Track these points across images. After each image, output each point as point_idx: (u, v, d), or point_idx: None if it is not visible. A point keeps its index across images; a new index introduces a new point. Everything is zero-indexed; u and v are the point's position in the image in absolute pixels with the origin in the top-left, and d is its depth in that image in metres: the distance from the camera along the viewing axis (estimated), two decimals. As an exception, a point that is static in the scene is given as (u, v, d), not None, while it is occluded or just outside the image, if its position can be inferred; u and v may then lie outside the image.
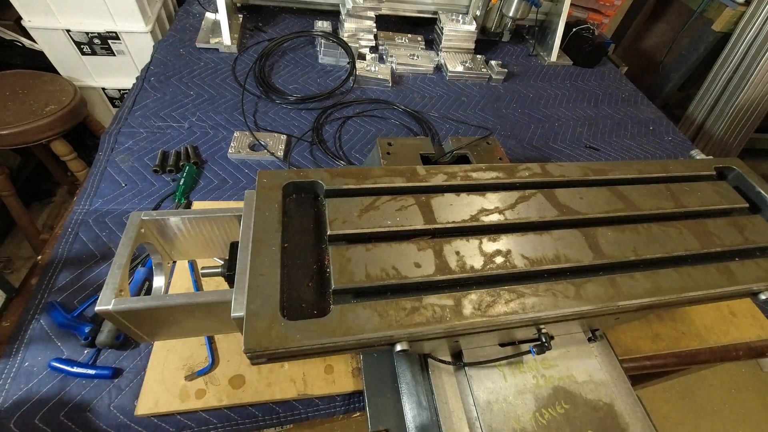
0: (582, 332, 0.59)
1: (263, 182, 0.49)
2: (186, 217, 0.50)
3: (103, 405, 0.55)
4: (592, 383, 0.55)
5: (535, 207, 0.52)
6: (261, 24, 1.42)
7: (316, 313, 0.40)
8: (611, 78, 1.53)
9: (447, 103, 1.24)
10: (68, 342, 0.60)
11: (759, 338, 0.78)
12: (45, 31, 1.45)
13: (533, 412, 0.51)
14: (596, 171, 0.59)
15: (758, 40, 2.07)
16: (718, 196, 0.59)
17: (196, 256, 0.58)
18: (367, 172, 0.52)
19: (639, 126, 1.32)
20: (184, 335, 0.54)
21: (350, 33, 1.31)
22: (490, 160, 0.73)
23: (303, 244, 0.46)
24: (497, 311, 0.41)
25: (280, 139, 0.98)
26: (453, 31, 1.36)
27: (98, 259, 0.70)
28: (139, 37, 1.50)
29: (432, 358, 0.54)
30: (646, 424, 0.52)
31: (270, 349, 0.35)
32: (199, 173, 0.88)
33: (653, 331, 0.74)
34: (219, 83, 1.13)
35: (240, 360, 0.60)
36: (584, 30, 1.52)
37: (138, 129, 0.95)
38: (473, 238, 0.47)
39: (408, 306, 0.40)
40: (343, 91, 1.19)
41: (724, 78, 2.24)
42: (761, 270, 0.50)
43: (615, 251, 0.48)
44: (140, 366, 0.59)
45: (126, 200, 0.80)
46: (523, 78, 1.43)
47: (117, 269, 0.42)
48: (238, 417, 0.57)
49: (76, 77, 1.60)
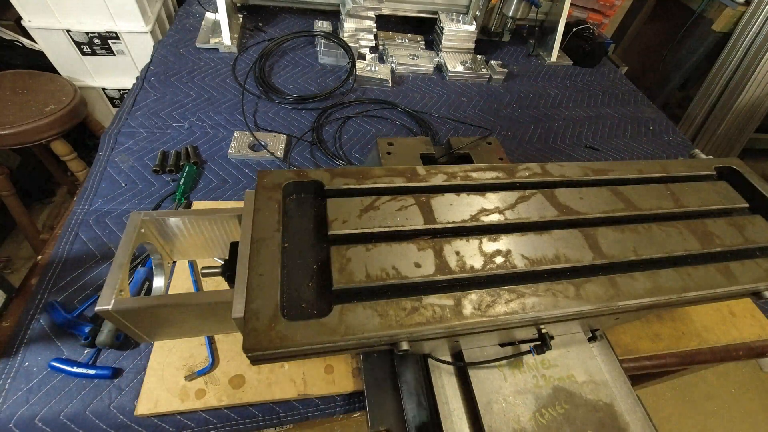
0: (582, 332, 0.59)
1: (263, 182, 0.49)
2: (186, 217, 0.50)
3: (103, 405, 0.55)
4: (592, 383, 0.55)
5: (535, 207, 0.52)
6: (261, 24, 1.42)
7: (316, 313, 0.40)
8: (611, 78, 1.53)
9: (447, 103, 1.24)
10: (68, 342, 0.60)
11: (759, 338, 0.78)
12: (45, 31, 1.45)
13: (533, 412, 0.51)
14: (596, 171, 0.59)
15: (758, 40, 2.07)
16: (718, 196, 0.59)
17: (196, 256, 0.58)
18: (367, 172, 0.52)
19: (639, 126, 1.32)
20: (184, 335, 0.54)
21: (350, 33, 1.31)
22: (490, 160, 0.73)
23: (303, 244, 0.46)
24: (497, 311, 0.41)
25: (280, 139, 0.98)
26: (453, 31, 1.36)
27: (98, 259, 0.70)
28: (139, 37, 1.50)
29: (432, 358, 0.54)
30: (646, 424, 0.52)
31: (270, 349, 0.35)
32: (199, 173, 0.88)
33: (653, 331, 0.74)
34: (219, 83, 1.13)
35: (240, 360, 0.60)
36: (584, 30, 1.52)
37: (138, 129, 0.95)
38: (473, 238, 0.47)
39: (408, 306, 0.40)
40: (343, 91, 1.19)
41: (724, 78, 2.24)
42: (761, 270, 0.50)
43: (615, 251, 0.48)
44: (140, 366, 0.59)
45: (126, 200, 0.80)
46: (523, 78, 1.43)
47: (117, 269, 0.42)
48: (238, 417, 0.57)
49: (76, 77, 1.60)
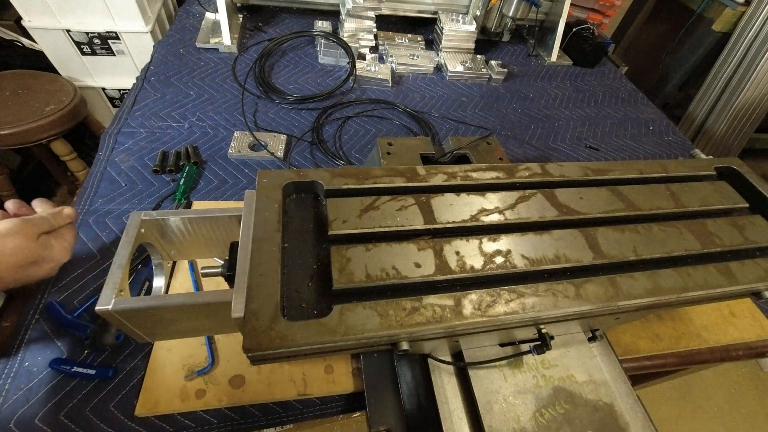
0: (582, 332, 0.59)
1: (263, 182, 0.49)
2: (186, 217, 0.50)
3: (103, 405, 0.55)
4: (592, 383, 0.55)
5: (535, 207, 0.52)
6: (261, 24, 1.42)
7: (316, 313, 0.40)
8: (611, 78, 1.53)
9: (447, 103, 1.24)
10: (68, 342, 0.60)
11: (759, 338, 0.78)
12: (45, 31, 1.45)
13: (533, 412, 0.51)
14: (596, 171, 0.59)
15: (758, 40, 2.07)
16: (718, 196, 0.59)
17: (196, 256, 0.58)
18: (367, 172, 0.52)
19: (639, 126, 1.32)
20: (184, 335, 0.54)
21: (350, 33, 1.31)
22: (490, 160, 0.73)
23: (303, 244, 0.46)
24: (497, 311, 0.41)
25: (280, 139, 0.98)
26: (453, 31, 1.36)
27: (98, 259, 0.70)
28: (139, 37, 1.50)
29: (432, 358, 0.54)
30: (646, 424, 0.52)
31: (270, 349, 0.35)
32: (199, 173, 0.88)
33: (653, 331, 0.74)
34: (219, 83, 1.13)
35: (240, 360, 0.60)
36: (584, 30, 1.52)
37: (138, 129, 0.95)
38: (473, 238, 0.47)
39: (408, 306, 0.40)
40: (343, 91, 1.19)
41: (724, 78, 2.24)
42: (761, 270, 0.50)
43: (615, 251, 0.48)
44: (140, 366, 0.59)
45: (126, 200, 0.80)
46: (523, 78, 1.43)
47: (117, 269, 0.42)
48: (238, 417, 0.57)
49: (76, 77, 1.60)
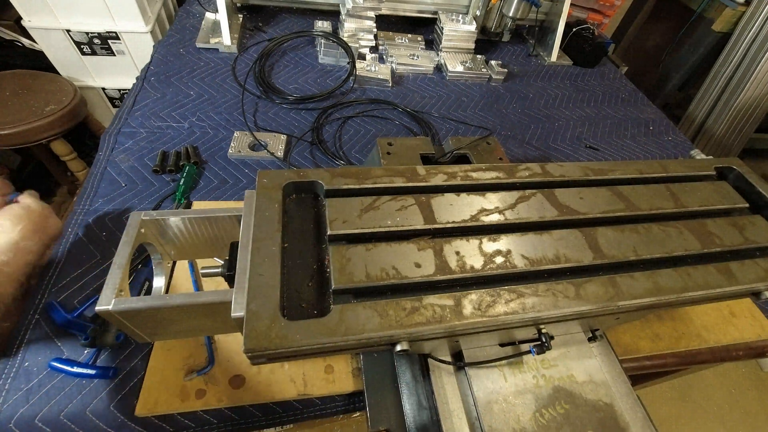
0: (582, 332, 0.59)
1: (263, 182, 0.49)
2: (186, 217, 0.50)
3: (103, 405, 0.55)
4: (592, 383, 0.55)
5: (535, 207, 0.52)
6: (261, 24, 1.42)
7: (316, 313, 0.40)
8: (611, 78, 1.53)
9: (447, 103, 1.24)
10: (68, 342, 0.60)
11: (759, 338, 0.78)
12: (45, 31, 1.45)
13: (533, 412, 0.51)
14: (596, 171, 0.59)
15: (758, 40, 2.07)
16: (718, 196, 0.59)
17: (196, 256, 0.58)
18: (367, 172, 0.52)
19: (639, 126, 1.32)
20: (184, 335, 0.54)
21: (350, 33, 1.31)
22: (490, 160, 0.73)
23: (303, 244, 0.46)
24: (497, 311, 0.41)
25: (280, 139, 0.98)
26: (453, 31, 1.36)
27: (98, 259, 0.70)
28: (139, 37, 1.50)
29: (432, 358, 0.54)
30: (646, 424, 0.52)
31: (270, 349, 0.35)
32: (199, 173, 0.88)
33: (653, 331, 0.74)
34: (219, 83, 1.13)
35: (240, 360, 0.60)
36: (584, 30, 1.52)
37: (138, 129, 0.95)
38: (473, 238, 0.47)
39: (408, 306, 0.40)
40: (343, 91, 1.19)
41: (724, 78, 2.24)
42: (761, 270, 0.50)
43: (615, 251, 0.48)
44: (140, 366, 0.59)
45: (126, 200, 0.80)
46: (523, 78, 1.43)
47: (117, 269, 0.42)
48: (238, 417, 0.57)
49: (76, 77, 1.60)
